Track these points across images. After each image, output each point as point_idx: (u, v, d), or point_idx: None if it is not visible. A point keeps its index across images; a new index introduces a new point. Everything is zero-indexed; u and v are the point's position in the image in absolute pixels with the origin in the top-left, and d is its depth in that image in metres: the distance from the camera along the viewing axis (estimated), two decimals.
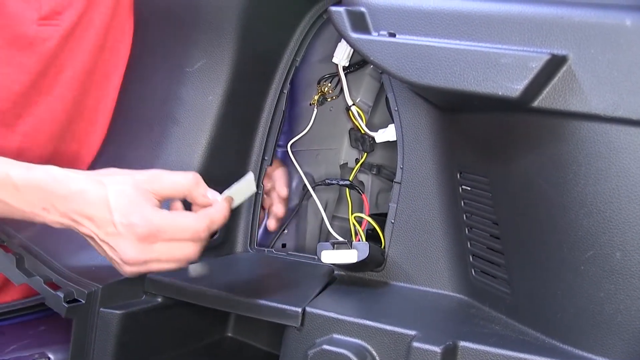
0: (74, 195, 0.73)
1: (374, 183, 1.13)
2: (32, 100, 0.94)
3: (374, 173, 1.11)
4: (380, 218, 0.93)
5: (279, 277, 0.93)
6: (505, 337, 0.71)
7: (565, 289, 0.67)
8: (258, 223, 1.03)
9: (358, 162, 1.09)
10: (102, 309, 0.80)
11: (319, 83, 1.09)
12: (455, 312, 0.79)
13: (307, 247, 1.12)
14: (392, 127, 0.94)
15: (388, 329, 0.72)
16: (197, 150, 0.92)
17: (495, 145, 0.74)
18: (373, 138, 1.01)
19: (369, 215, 0.96)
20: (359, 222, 0.97)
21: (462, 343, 0.68)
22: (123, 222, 0.72)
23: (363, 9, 0.74)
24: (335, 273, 0.90)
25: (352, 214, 1.00)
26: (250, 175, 0.80)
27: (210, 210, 0.77)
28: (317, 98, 1.09)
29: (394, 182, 0.88)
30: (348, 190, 1.08)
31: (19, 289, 0.95)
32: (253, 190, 0.81)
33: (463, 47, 0.66)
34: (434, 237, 0.84)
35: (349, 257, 0.81)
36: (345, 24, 0.73)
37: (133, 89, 0.99)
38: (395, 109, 0.88)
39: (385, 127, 0.97)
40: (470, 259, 0.80)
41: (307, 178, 1.12)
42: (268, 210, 1.11)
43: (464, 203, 0.80)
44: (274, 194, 1.09)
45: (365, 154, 1.09)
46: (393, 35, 0.72)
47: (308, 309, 0.76)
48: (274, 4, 0.96)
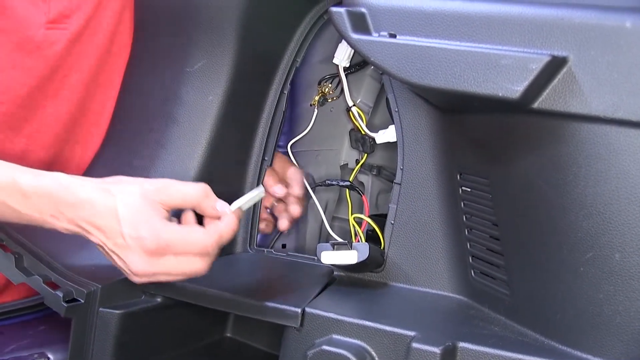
0: (83, 204, 0.73)
1: (374, 184, 1.13)
2: (38, 104, 0.94)
3: (374, 174, 1.11)
4: (380, 219, 0.93)
5: (279, 277, 0.93)
6: (505, 338, 0.71)
7: (565, 291, 0.67)
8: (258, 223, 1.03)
9: (358, 162, 1.09)
10: (101, 309, 0.80)
11: (320, 84, 1.10)
12: (455, 313, 0.79)
13: (307, 247, 1.12)
14: (392, 128, 0.94)
15: (387, 330, 0.72)
16: (197, 151, 0.92)
17: (496, 147, 0.74)
18: (373, 139, 1.01)
19: (369, 216, 0.96)
20: (359, 223, 0.97)
21: (461, 344, 0.68)
22: (132, 235, 0.73)
23: (364, 10, 0.74)
24: (335, 274, 0.90)
25: (351, 215, 1.00)
26: (261, 188, 0.82)
27: (220, 225, 0.77)
28: (317, 99, 1.09)
29: (394, 183, 0.88)
30: (348, 191, 1.08)
31: (19, 290, 0.95)
32: (262, 195, 0.82)
33: (463, 48, 0.66)
34: (434, 238, 0.84)
35: (349, 258, 0.81)
36: (346, 25, 0.73)
37: (133, 89, 0.99)
38: (396, 110, 0.88)
39: (386, 128, 0.97)
40: (470, 260, 0.80)
41: (307, 179, 1.12)
42: (277, 213, 1.08)
43: (464, 204, 0.80)
44: (290, 196, 1.06)
45: (366, 155, 1.09)
46: (394, 36, 0.72)
47: (307, 310, 0.76)
48: (275, 5, 0.96)
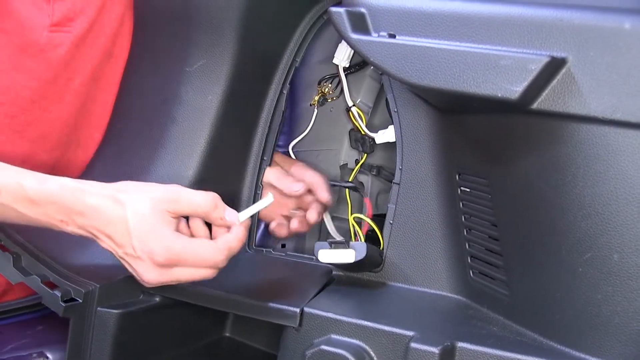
0: (91, 211, 0.74)
1: (374, 184, 1.13)
2: (42, 107, 0.94)
3: (374, 174, 1.11)
4: (380, 219, 0.93)
5: (278, 277, 0.93)
6: (503, 338, 0.71)
7: (563, 291, 0.67)
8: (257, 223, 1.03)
9: (358, 163, 1.09)
10: (99, 308, 0.80)
11: (319, 84, 1.10)
12: (454, 313, 0.79)
13: (306, 247, 1.12)
14: (391, 128, 0.94)
15: (386, 330, 0.72)
16: (196, 150, 0.92)
17: (495, 147, 0.74)
18: (373, 139, 1.01)
19: (369, 218, 0.96)
20: (358, 223, 0.97)
21: (460, 344, 0.68)
22: (143, 248, 0.74)
23: (363, 10, 0.74)
24: (334, 274, 0.90)
25: (351, 215, 1.00)
26: (270, 196, 0.82)
27: (229, 238, 0.77)
28: (317, 99, 1.09)
29: (393, 183, 0.88)
30: (348, 191, 1.08)
31: (18, 291, 0.95)
32: (270, 201, 0.82)
33: (463, 48, 0.67)
34: (433, 238, 0.84)
35: (347, 257, 0.81)
36: (346, 25, 0.73)
37: (132, 88, 0.99)
38: (395, 110, 0.88)
39: (385, 128, 0.97)
40: (469, 260, 0.80)
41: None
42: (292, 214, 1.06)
43: (463, 204, 0.80)
44: (313, 202, 1.04)
45: (365, 155, 1.09)
46: (393, 37, 0.72)
47: (306, 310, 0.76)
48: (274, 5, 0.96)
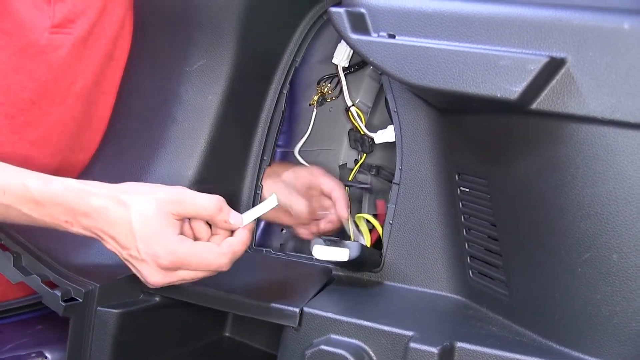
0: (96, 213, 0.74)
1: (373, 184, 1.13)
2: (42, 109, 0.93)
3: (373, 174, 1.11)
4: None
5: (277, 277, 0.93)
6: (502, 338, 0.71)
7: (563, 291, 0.67)
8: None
9: (357, 162, 1.10)
10: (99, 308, 0.80)
11: (319, 84, 1.10)
12: (453, 313, 0.80)
13: (305, 247, 1.12)
14: (391, 128, 0.94)
15: (385, 330, 0.72)
16: (196, 150, 0.92)
17: (494, 147, 0.74)
18: (372, 139, 1.01)
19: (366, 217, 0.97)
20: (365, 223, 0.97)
21: (459, 344, 0.68)
22: (147, 251, 0.74)
23: (363, 10, 0.74)
24: (334, 273, 0.90)
25: (350, 214, 1.00)
26: (274, 197, 0.82)
27: (233, 242, 0.77)
28: (316, 99, 1.09)
29: (393, 183, 0.88)
30: (347, 190, 1.08)
31: (17, 291, 0.95)
32: (274, 204, 0.82)
33: (462, 48, 0.67)
34: (432, 238, 0.84)
35: (341, 255, 0.81)
36: (345, 25, 0.73)
37: (132, 88, 0.99)
38: (395, 110, 0.88)
39: (385, 128, 0.97)
40: (468, 261, 0.81)
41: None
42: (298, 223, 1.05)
43: (462, 204, 0.80)
44: (330, 215, 1.03)
45: (365, 155, 1.09)
46: (393, 37, 0.72)
47: (306, 309, 0.76)
48: (274, 5, 0.96)
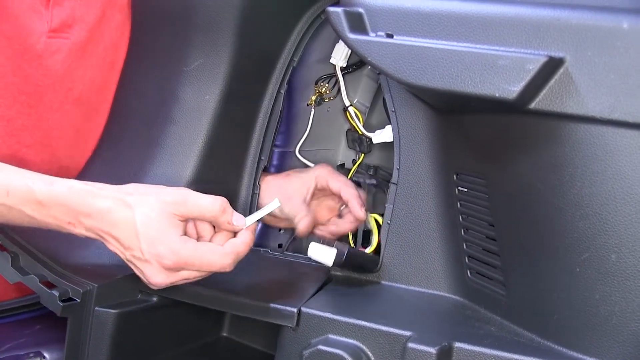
0: (100, 214, 0.74)
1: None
2: (38, 113, 0.93)
3: (371, 174, 1.11)
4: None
5: (275, 277, 0.93)
6: (501, 338, 0.71)
7: (561, 291, 0.67)
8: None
9: (355, 162, 1.09)
10: (97, 308, 0.80)
11: (317, 83, 1.09)
12: (451, 313, 0.80)
13: (303, 247, 1.12)
14: (389, 128, 0.94)
15: (383, 330, 0.72)
16: (193, 150, 0.92)
17: (492, 147, 0.74)
18: (370, 139, 1.01)
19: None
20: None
21: (457, 344, 0.68)
22: (151, 251, 0.74)
23: (361, 10, 0.74)
24: (332, 273, 0.90)
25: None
26: (276, 200, 0.82)
27: (236, 243, 0.78)
28: (314, 98, 1.09)
29: (391, 182, 0.88)
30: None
31: (13, 292, 0.95)
32: (277, 205, 0.82)
33: (460, 48, 0.67)
34: (430, 238, 0.84)
35: (327, 257, 0.81)
36: (343, 25, 0.73)
37: (130, 88, 0.99)
38: (393, 110, 0.88)
39: (383, 128, 0.97)
40: (466, 261, 0.81)
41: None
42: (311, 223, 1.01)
43: (460, 204, 0.80)
44: (348, 215, 1.00)
45: (362, 155, 1.09)
46: (391, 36, 0.72)
47: (304, 309, 0.76)
48: (272, 4, 0.96)
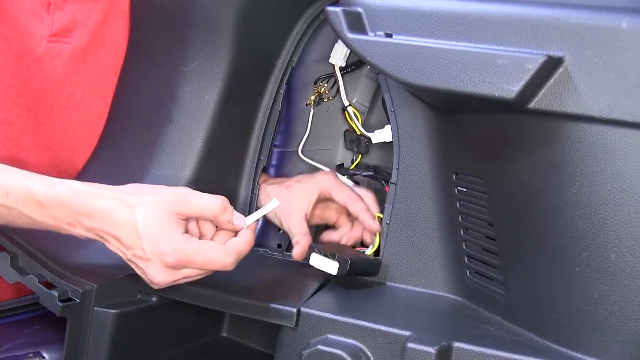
0: (100, 215, 0.74)
1: (370, 184, 1.12)
2: (39, 119, 0.93)
3: (370, 173, 1.11)
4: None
5: (274, 277, 0.93)
6: (500, 338, 0.71)
7: (560, 291, 0.67)
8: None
9: (354, 162, 1.09)
10: (96, 308, 0.80)
11: (316, 83, 1.09)
12: (450, 313, 0.80)
13: None
14: (388, 128, 0.94)
15: (383, 330, 0.72)
16: (192, 150, 0.92)
17: (492, 147, 0.74)
18: (369, 139, 1.01)
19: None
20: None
21: (456, 344, 0.68)
22: (153, 250, 0.74)
23: (360, 10, 0.74)
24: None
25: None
26: (275, 200, 0.82)
27: (238, 242, 0.78)
28: (313, 98, 1.09)
29: (390, 182, 0.88)
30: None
31: (14, 291, 0.95)
32: (276, 205, 0.82)
33: (459, 48, 0.67)
34: (430, 238, 0.84)
35: (330, 268, 0.81)
36: (342, 24, 0.73)
37: (129, 88, 0.99)
38: (392, 110, 0.88)
39: (382, 127, 0.97)
40: (466, 260, 0.81)
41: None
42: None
43: (460, 204, 0.80)
44: (357, 224, 0.98)
45: (361, 155, 1.09)
46: (390, 36, 0.72)
47: (303, 309, 0.76)
48: (271, 4, 0.95)
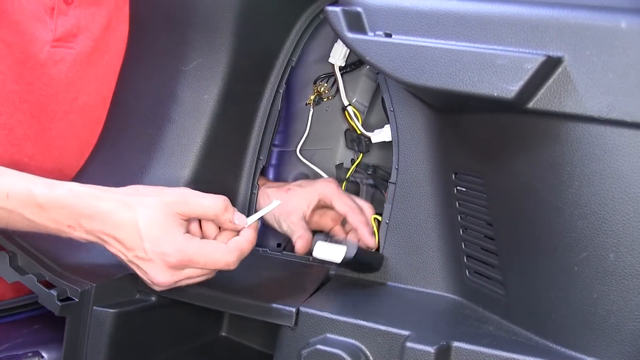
0: (102, 216, 0.74)
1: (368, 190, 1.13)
2: (42, 125, 0.93)
3: (370, 173, 1.11)
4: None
5: (274, 276, 0.93)
6: (499, 337, 0.71)
7: (559, 290, 0.68)
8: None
9: (354, 162, 1.10)
10: (95, 308, 0.80)
11: (315, 83, 1.10)
12: (449, 312, 0.80)
13: None
14: (387, 127, 0.94)
15: (382, 329, 0.72)
16: (192, 149, 0.92)
17: (491, 147, 0.74)
18: (369, 138, 1.01)
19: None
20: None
21: (455, 343, 0.68)
22: (155, 250, 0.74)
23: (359, 9, 0.74)
24: (330, 273, 0.90)
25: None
26: (276, 201, 0.83)
27: (240, 241, 0.78)
28: (313, 98, 1.09)
29: (389, 182, 0.88)
30: (344, 185, 1.08)
31: (13, 291, 0.94)
32: (277, 204, 0.83)
33: (459, 47, 0.67)
34: (429, 237, 0.84)
35: (336, 255, 0.81)
36: (342, 24, 0.73)
37: (128, 88, 0.99)
38: (391, 110, 0.88)
39: (381, 127, 0.97)
40: (465, 260, 0.81)
41: (303, 179, 1.12)
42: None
43: (459, 204, 0.80)
44: (352, 233, 0.96)
45: (361, 155, 1.09)
46: (389, 36, 0.72)
47: (302, 309, 0.76)
48: (271, 4, 0.95)
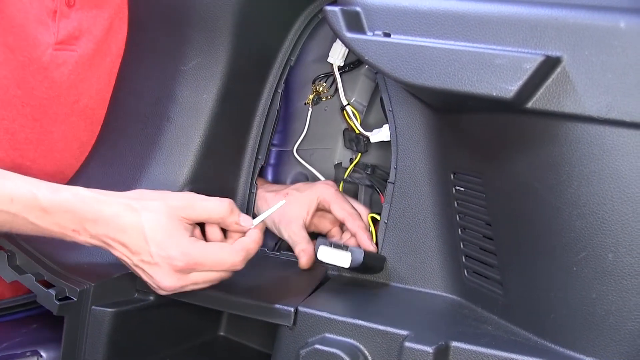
0: (106, 220, 0.74)
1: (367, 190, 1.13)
2: (44, 128, 0.93)
3: (368, 173, 1.11)
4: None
5: (272, 276, 0.93)
6: (497, 337, 0.71)
7: (558, 290, 0.68)
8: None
9: (352, 162, 1.10)
10: (94, 307, 0.80)
11: (314, 83, 1.10)
12: (448, 312, 0.80)
13: None
14: (386, 127, 0.94)
15: (380, 329, 0.72)
16: (190, 149, 0.92)
17: (489, 146, 0.74)
18: (367, 138, 1.01)
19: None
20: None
21: (454, 343, 0.68)
22: (161, 254, 0.74)
23: (358, 9, 0.74)
24: (329, 273, 0.90)
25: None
26: (282, 202, 0.83)
27: (246, 241, 0.78)
28: (311, 98, 1.09)
29: (388, 182, 0.88)
30: (342, 186, 1.08)
31: (12, 290, 0.94)
32: (282, 203, 0.83)
33: (458, 47, 0.67)
34: (427, 237, 0.84)
35: (343, 260, 0.81)
36: (340, 24, 0.73)
37: (127, 87, 0.98)
38: (390, 109, 0.88)
39: (380, 127, 0.97)
40: (463, 260, 0.81)
41: (301, 178, 1.12)
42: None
43: (458, 204, 0.80)
44: (350, 238, 0.95)
45: (360, 154, 1.09)
46: (388, 35, 0.72)
47: (301, 309, 0.76)
48: (269, 3, 0.95)
